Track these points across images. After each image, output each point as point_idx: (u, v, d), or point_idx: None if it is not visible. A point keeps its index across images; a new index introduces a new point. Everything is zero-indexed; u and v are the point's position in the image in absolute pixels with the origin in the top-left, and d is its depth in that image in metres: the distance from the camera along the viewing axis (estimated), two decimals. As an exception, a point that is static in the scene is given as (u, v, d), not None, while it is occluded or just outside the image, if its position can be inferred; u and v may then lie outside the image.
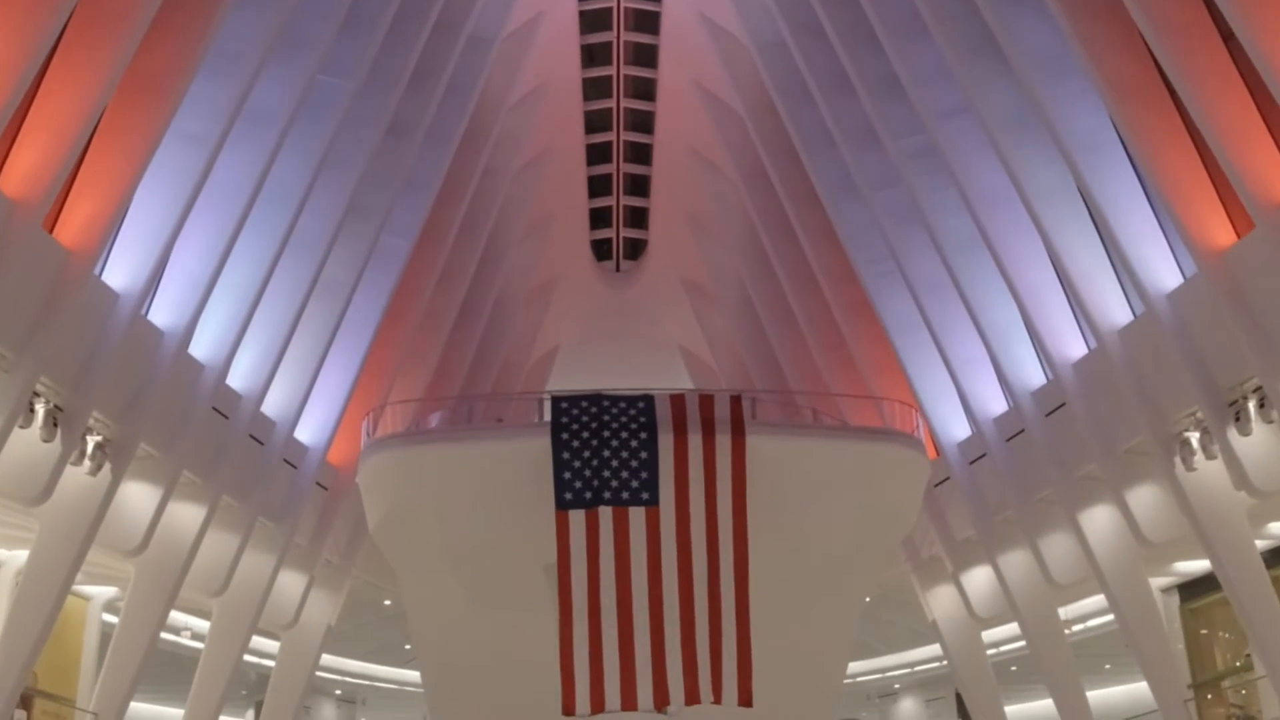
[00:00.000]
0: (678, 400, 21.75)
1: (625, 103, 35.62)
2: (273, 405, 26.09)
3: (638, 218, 38.85)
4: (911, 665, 40.17)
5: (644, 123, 36.12)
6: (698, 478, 20.87)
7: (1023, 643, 31.95)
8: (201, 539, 23.18)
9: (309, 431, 27.79)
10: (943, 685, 39.93)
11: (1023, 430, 25.67)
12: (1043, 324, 24.00)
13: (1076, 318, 24.17)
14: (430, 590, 24.58)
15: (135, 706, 23.19)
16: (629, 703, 20.00)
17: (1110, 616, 29.99)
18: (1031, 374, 25.65)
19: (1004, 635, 31.79)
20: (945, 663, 36.83)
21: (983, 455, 27.43)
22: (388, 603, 32.89)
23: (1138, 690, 26.59)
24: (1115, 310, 22.49)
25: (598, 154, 37.02)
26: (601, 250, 39.58)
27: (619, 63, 34.57)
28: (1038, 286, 24.24)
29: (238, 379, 24.57)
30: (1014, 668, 33.81)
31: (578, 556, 20.55)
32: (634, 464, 21.11)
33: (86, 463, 19.85)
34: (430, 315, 31.12)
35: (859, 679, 40.24)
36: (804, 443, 22.46)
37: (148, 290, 20.38)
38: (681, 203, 37.47)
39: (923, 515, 27.69)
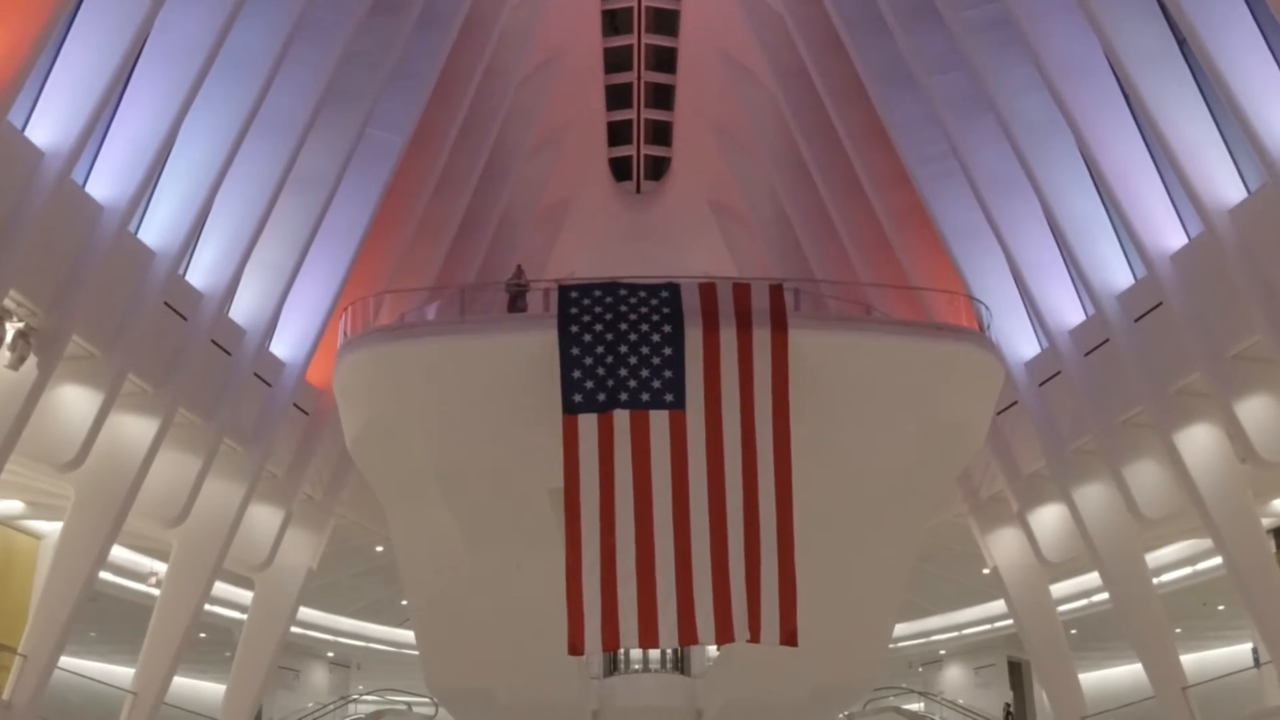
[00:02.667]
0: (708, 289, 18.59)
1: (647, 1, 32.60)
2: (242, 311, 23.31)
3: (660, 133, 35.78)
4: (960, 628, 37.29)
5: (668, 23, 33.15)
6: (731, 378, 17.84)
7: (1084, 602, 29.85)
8: (153, 456, 20.28)
9: (286, 346, 25.05)
10: (993, 651, 37.21)
11: (1106, 341, 22.69)
12: (1135, 211, 20.96)
13: (1174, 203, 21.01)
14: (419, 523, 21.59)
15: (90, 665, 20.26)
16: (648, 639, 16.97)
17: (1186, 571, 27.48)
18: (1117, 274, 22.71)
19: (1064, 593, 28.83)
20: (996, 626, 35.35)
21: (1056, 374, 24.43)
22: (380, 549, 30.55)
23: (1204, 660, 23.66)
24: (1225, 187, 19.29)
25: (616, 60, 33.95)
26: (620, 169, 36.57)
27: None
28: (1129, 168, 21.31)
29: (199, 276, 21.72)
30: (1074, 631, 30.84)
31: (589, 468, 17.44)
32: (656, 361, 18.00)
33: (4, 353, 16.85)
34: (426, 228, 28.29)
35: (900, 644, 37.24)
36: (856, 339, 19.16)
37: (78, 151, 17.33)
38: (709, 114, 34.51)
39: (983, 448, 24.53)
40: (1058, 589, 27.90)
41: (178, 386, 20.80)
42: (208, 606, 28.34)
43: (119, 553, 27.08)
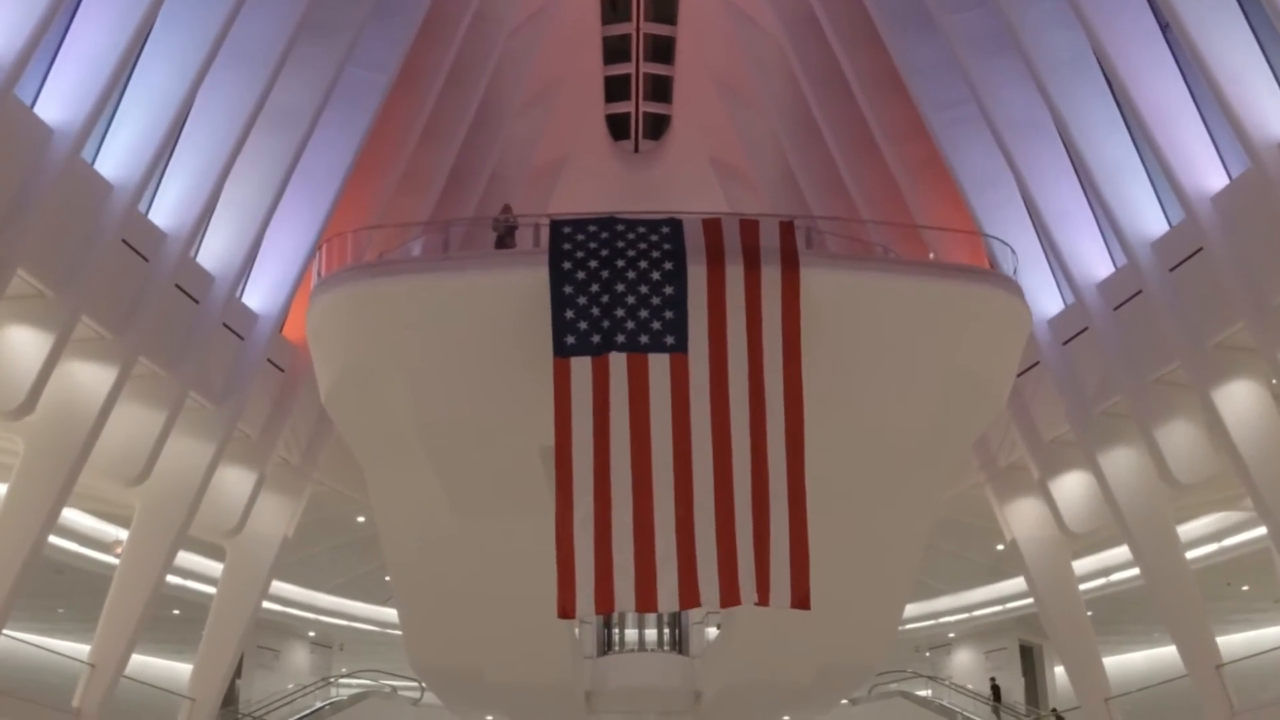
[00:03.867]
0: (712, 225, 17.27)
1: None
2: (211, 256, 21.93)
3: (660, 88, 34.42)
4: (970, 609, 35.87)
5: None
6: (737, 320, 16.56)
7: (1101, 582, 28.89)
8: (110, 407, 18.84)
9: (259, 297, 23.65)
10: (1005, 634, 35.85)
11: (1138, 293, 21.37)
12: (1173, 151, 19.56)
13: (1215, 141, 19.60)
14: (400, 485, 20.34)
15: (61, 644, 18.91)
16: (646, 602, 15.53)
17: (1212, 548, 26.28)
18: (1151, 220, 21.33)
19: (1080, 572, 27.49)
20: (1008, 607, 34.23)
21: (1082, 331, 23.14)
22: (361, 520, 29.07)
23: (1229, 645, 22.43)
24: (1275, 119, 17.84)
25: (614, 10, 32.60)
26: (618, 126, 35.16)
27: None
28: (1166, 105, 19.96)
29: (162, 215, 20.29)
30: (1089, 614, 29.47)
31: (581, 415, 16.10)
32: (656, 301, 16.68)
33: (-65, 283, 15.41)
34: (412, 177, 26.92)
35: (906, 626, 35.60)
36: (873, 280, 17.65)
37: (19, 68, 15.81)
38: (712, 67, 33.13)
39: (1001, 415, 23.13)
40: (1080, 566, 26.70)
41: (138, 333, 19.40)
42: (182, 581, 27.93)
43: (86, 521, 25.88)
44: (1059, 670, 35.17)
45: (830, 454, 17.01)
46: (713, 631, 28.21)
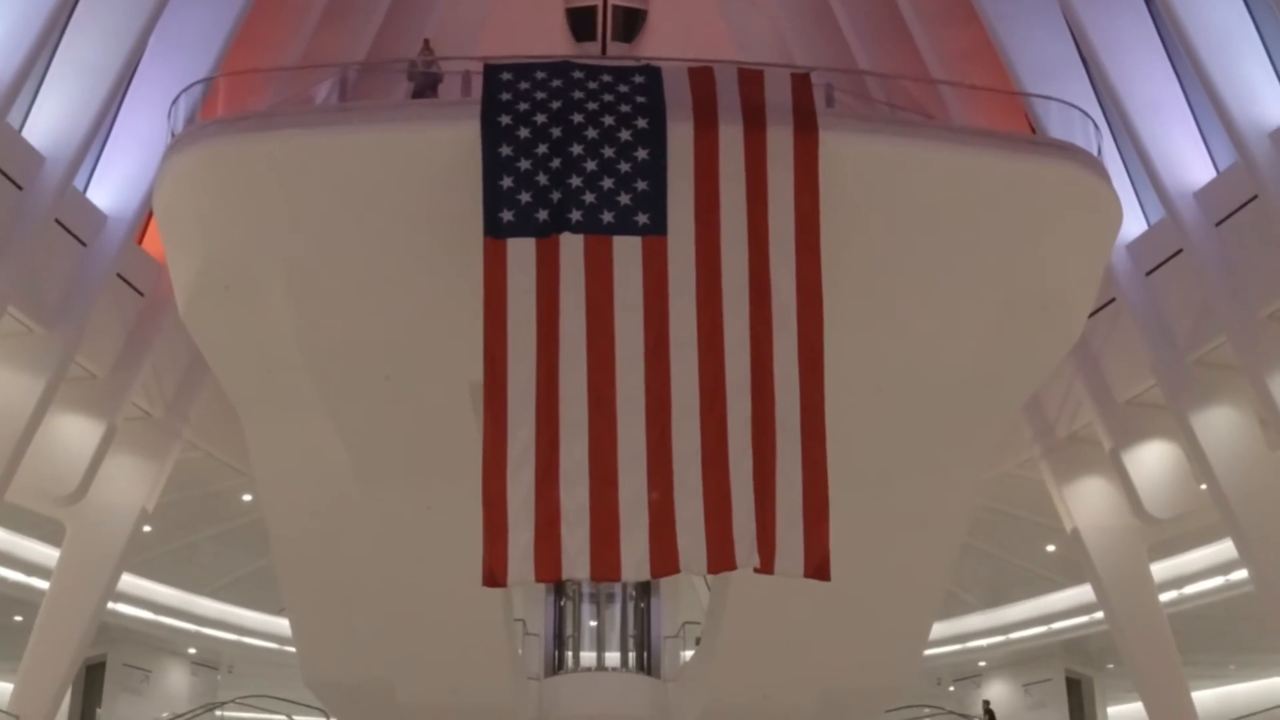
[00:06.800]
0: (701, 74, 15.26)
1: None
2: (39, 130, 19.74)
3: None
4: (1006, 630, 34.10)
5: None
6: (735, 194, 14.53)
7: (1174, 595, 27.19)
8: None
9: (110, 192, 21.70)
10: (1049, 663, 34.49)
11: (1253, 199, 19.33)
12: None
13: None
14: (286, 438, 18.57)
15: None
16: (605, 566, 13.25)
17: None
18: (1269, 105, 19.21)
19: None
20: (1053, 628, 32.80)
21: (1174, 255, 21.40)
22: (249, 498, 27.41)
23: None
24: None
25: None
26: (581, 25, 33.30)
27: None
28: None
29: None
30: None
31: (520, 317, 13.86)
32: (624, 168, 14.51)
33: None
34: (316, 55, 24.97)
35: (927, 651, 33.46)
36: (915, 149, 15.54)
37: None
38: None
39: (1063, 368, 21.72)
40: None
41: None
42: (13, 576, 26.20)
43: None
44: (1112, 711, 33.39)
45: (850, 387, 15.30)
46: (689, 655, 26.86)
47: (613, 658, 29.31)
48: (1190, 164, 20.84)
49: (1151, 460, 23.02)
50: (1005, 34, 23.28)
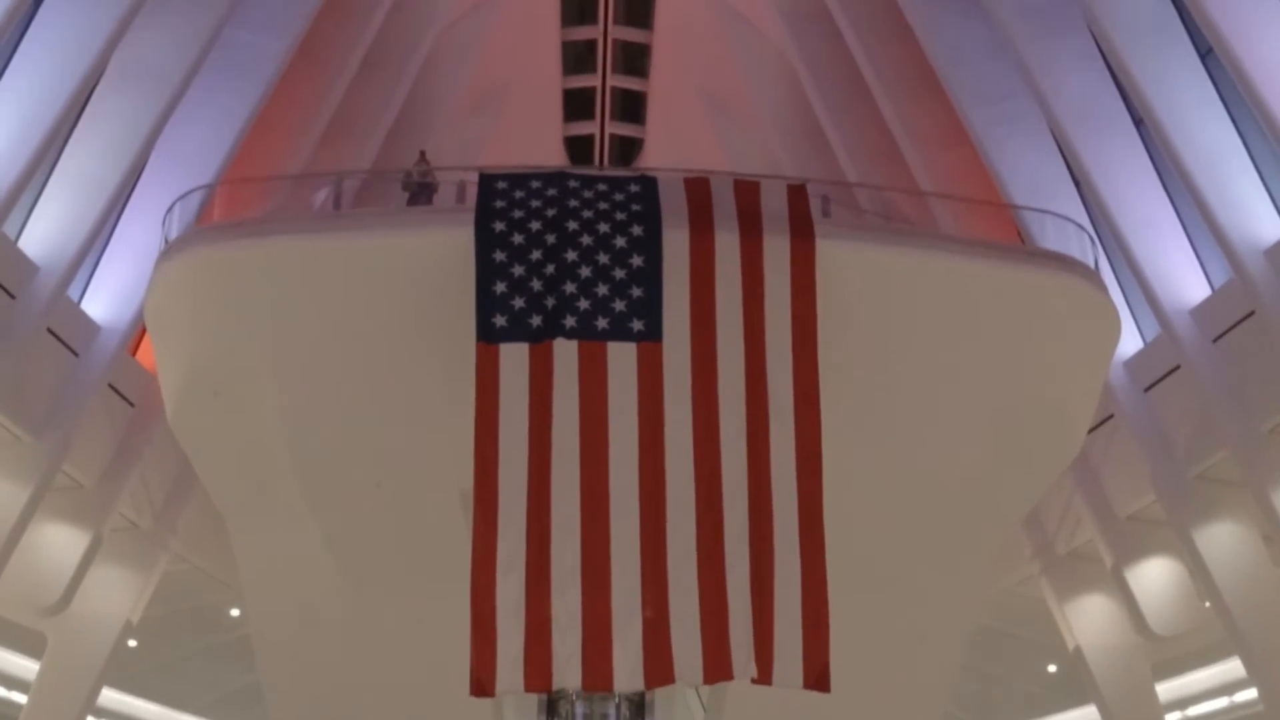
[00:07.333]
0: (697, 184, 15.12)
1: None
2: (36, 239, 19.68)
3: (631, 106, 33.73)
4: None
5: None
6: (731, 300, 14.28)
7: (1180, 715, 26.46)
8: None
9: (105, 303, 21.62)
10: None
11: (1249, 315, 19.15)
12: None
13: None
14: (271, 546, 17.96)
15: None
16: (597, 676, 12.81)
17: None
18: (1263, 223, 19.09)
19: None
20: None
21: (1172, 371, 21.17)
22: (236, 613, 26.68)
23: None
24: None
25: (577, 9, 31.77)
26: (578, 151, 34.16)
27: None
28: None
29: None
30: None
31: (512, 422, 13.48)
32: (620, 274, 14.29)
33: None
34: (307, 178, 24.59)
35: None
36: (914, 259, 15.38)
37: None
38: (695, 78, 32.15)
39: (1062, 484, 21.59)
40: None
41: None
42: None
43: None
44: None
45: (849, 495, 14.79)
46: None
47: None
48: (1185, 281, 20.74)
49: (1154, 577, 22.60)
50: (996, 155, 23.32)
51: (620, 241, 14.34)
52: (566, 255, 14.20)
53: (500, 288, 14.00)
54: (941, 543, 17.17)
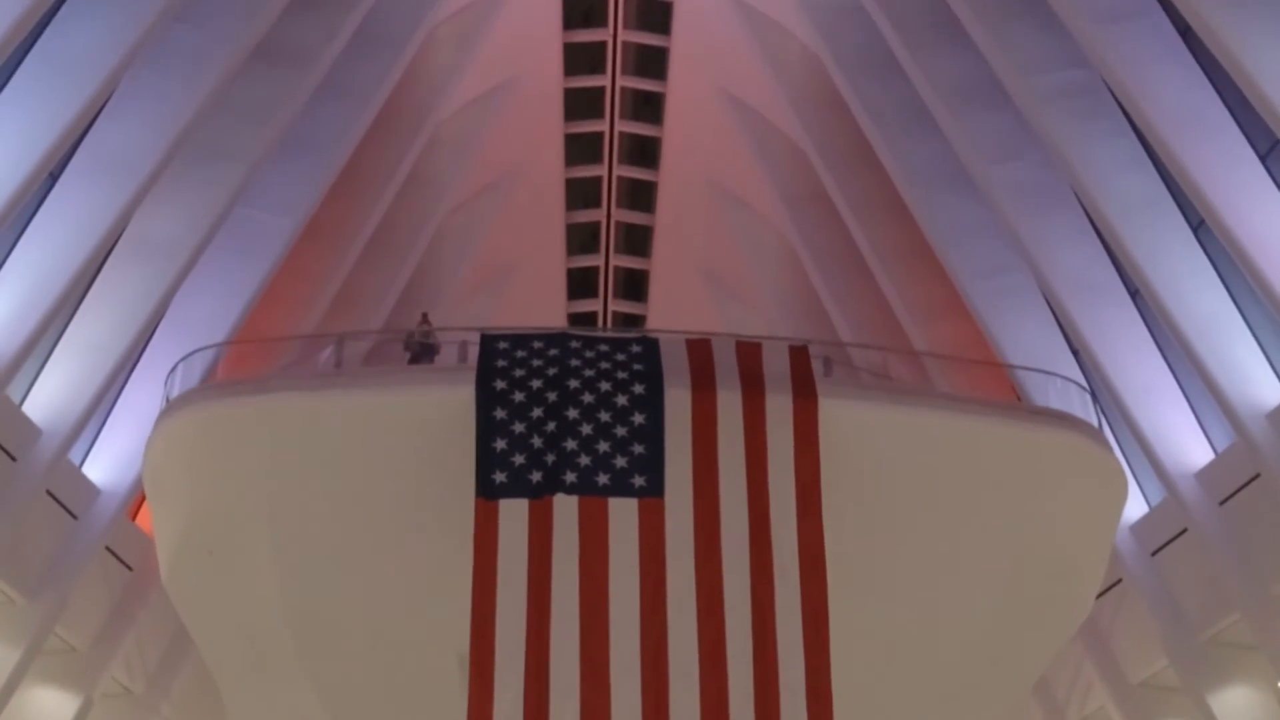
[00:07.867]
0: (699, 346, 15.27)
1: (621, 125, 31.64)
2: (40, 403, 19.85)
3: (634, 284, 34.55)
4: None
5: (647, 152, 32.14)
6: (734, 458, 14.28)
7: None
8: None
9: (106, 467, 21.76)
10: None
11: (1256, 477, 19.13)
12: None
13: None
14: (266, 709, 17.51)
15: None
16: None
17: None
18: (1264, 388, 19.19)
19: None
20: None
21: (1179, 534, 21.04)
22: None
23: None
24: None
25: (582, 192, 32.81)
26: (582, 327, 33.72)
27: (615, 70, 30.77)
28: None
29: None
30: None
31: (511, 579, 13.38)
32: (621, 432, 14.26)
33: None
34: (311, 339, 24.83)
35: None
36: (916, 418, 15.39)
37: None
38: (696, 257, 33.01)
39: (1071, 650, 21.49)
40: None
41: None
42: None
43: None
44: None
45: (855, 656, 14.43)
46: None
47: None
48: (1187, 445, 20.83)
49: (1170, 746, 22.18)
50: (996, 326, 23.62)
51: (622, 399, 14.40)
52: (568, 412, 14.24)
53: (500, 444, 14.01)
54: (952, 708, 16.63)
